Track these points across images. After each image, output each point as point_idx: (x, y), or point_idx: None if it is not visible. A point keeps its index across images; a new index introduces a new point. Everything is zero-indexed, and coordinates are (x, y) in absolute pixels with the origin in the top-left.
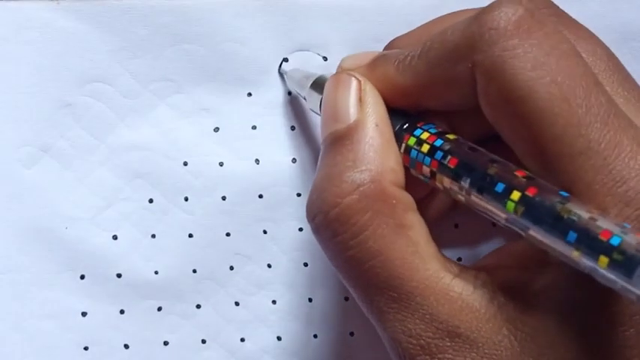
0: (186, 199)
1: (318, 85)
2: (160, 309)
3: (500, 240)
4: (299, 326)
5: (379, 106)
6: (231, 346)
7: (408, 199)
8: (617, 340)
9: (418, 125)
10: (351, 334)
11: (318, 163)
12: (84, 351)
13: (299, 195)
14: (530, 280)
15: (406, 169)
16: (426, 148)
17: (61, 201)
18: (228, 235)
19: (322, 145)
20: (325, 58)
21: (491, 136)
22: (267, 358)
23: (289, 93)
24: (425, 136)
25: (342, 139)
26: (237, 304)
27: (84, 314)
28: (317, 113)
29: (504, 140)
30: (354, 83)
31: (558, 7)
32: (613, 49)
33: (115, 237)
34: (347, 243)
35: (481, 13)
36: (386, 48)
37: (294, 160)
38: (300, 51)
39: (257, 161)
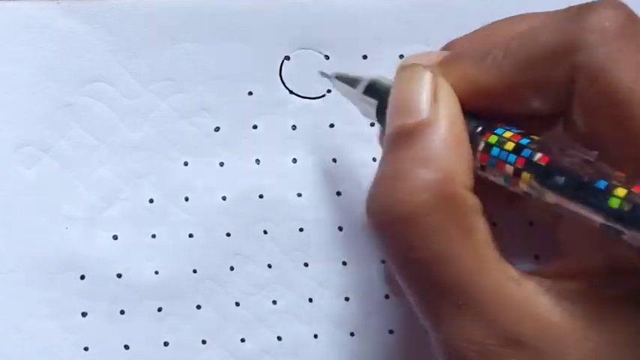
0: (186, 199)
1: (373, 90)
2: (160, 309)
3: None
4: (299, 326)
5: (454, 104)
6: (232, 347)
7: (476, 202)
8: None
9: (498, 125)
10: (352, 334)
11: (383, 156)
12: (84, 351)
13: (299, 195)
14: (602, 288)
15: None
16: (510, 145)
17: (61, 201)
18: (228, 235)
19: (388, 138)
20: (327, 57)
21: None
22: (267, 358)
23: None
24: (508, 134)
25: (412, 134)
26: (237, 304)
27: (84, 314)
28: (372, 119)
29: (596, 147)
30: (428, 77)
31: None
32: None
33: (115, 237)
34: (412, 243)
35: (581, 14)
36: (444, 49)
37: (294, 160)
38: (302, 49)
39: (257, 161)
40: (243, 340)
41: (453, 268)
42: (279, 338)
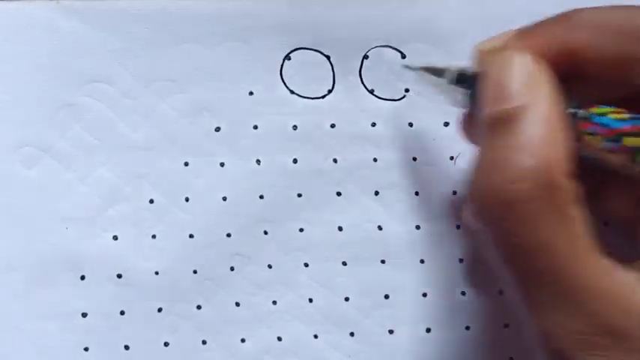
0: (186, 199)
1: (463, 80)
2: (160, 310)
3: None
4: (299, 326)
5: (551, 88)
6: (232, 347)
7: (574, 189)
8: None
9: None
10: (352, 334)
11: (483, 143)
12: (84, 352)
13: (300, 195)
14: None
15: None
16: (616, 115)
17: (61, 201)
18: (228, 235)
19: (484, 124)
20: (328, 57)
21: None
22: (267, 358)
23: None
24: (610, 108)
25: (509, 121)
26: (237, 304)
27: (84, 315)
28: (463, 108)
29: None
30: (523, 61)
31: None
32: None
33: (115, 237)
34: (513, 229)
35: None
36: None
37: (295, 161)
38: (303, 49)
39: (258, 161)
40: (243, 340)
41: (551, 256)
42: (279, 338)
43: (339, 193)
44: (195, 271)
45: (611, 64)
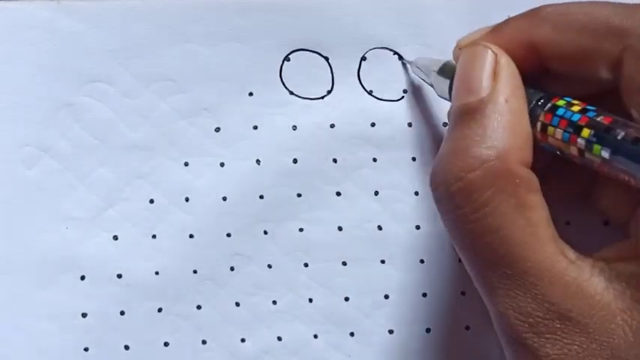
0: (187, 199)
1: (445, 71)
2: (160, 310)
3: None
4: (299, 326)
5: (513, 81)
6: (232, 347)
7: (532, 179)
8: None
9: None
10: (352, 334)
11: (446, 133)
12: (84, 352)
13: (299, 195)
14: None
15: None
16: (577, 108)
17: (61, 201)
18: (228, 235)
19: (452, 115)
20: (327, 58)
21: None
22: (267, 358)
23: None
24: (576, 101)
25: (472, 112)
26: (237, 304)
27: (84, 315)
28: (446, 99)
29: None
30: (489, 55)
31: None
32: None
33: (115, 237)
34: (467, 216)
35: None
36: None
37: (295, 161)
38: (302, 50)
39: (258, 161)
40: (243, 340)
41: (504, 241)
42: (279, 338)
43: (339, 193)
44: (195, 271)
45: (571, 60)
